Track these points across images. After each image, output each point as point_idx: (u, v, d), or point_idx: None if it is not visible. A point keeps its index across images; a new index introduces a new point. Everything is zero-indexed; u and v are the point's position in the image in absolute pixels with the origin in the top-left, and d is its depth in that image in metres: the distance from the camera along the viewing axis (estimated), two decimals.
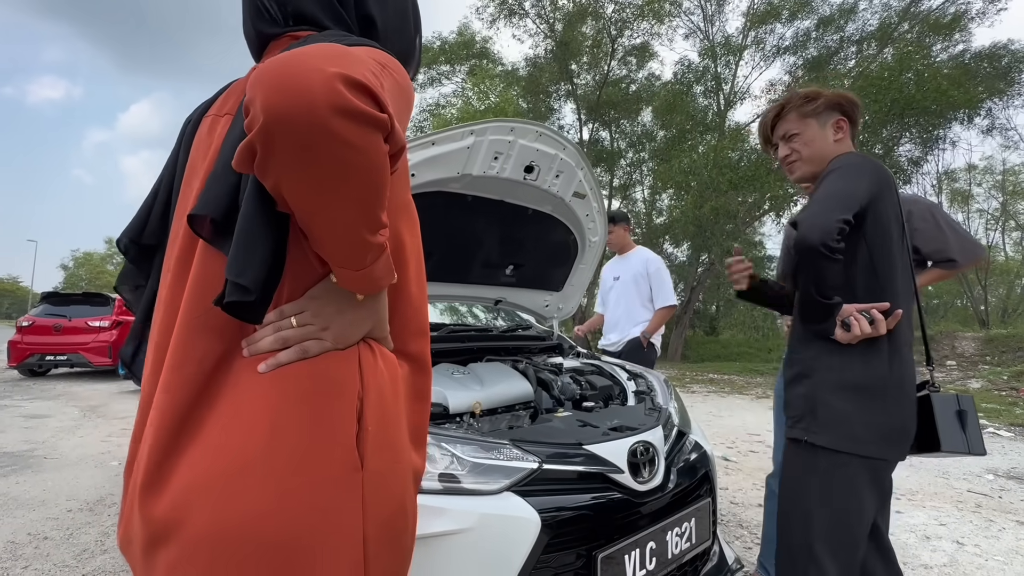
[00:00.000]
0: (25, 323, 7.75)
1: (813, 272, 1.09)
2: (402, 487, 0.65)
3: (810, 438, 1.14)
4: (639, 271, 3.04)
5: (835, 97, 1.28)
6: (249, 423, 0.56)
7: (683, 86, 15.26)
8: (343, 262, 0.57)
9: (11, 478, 3.05)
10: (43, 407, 5.45)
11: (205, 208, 0.57)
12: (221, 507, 0.54)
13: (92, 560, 2.06)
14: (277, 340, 0.59)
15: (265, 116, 0.45)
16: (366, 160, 0.48)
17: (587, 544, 1.14)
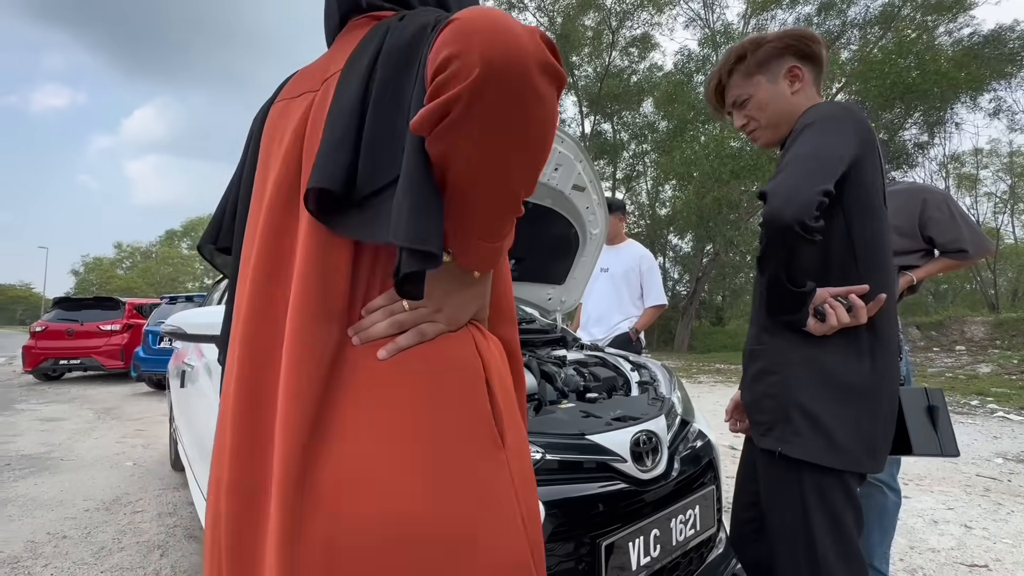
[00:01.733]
0: (39, 328, 7.87)
1: (784, 255, 0.87)
2: (531, 466, 0.63)
3: (785, 450, 0.94)
4: (631, 266, 2.95)
5: (780, 39, 1.05)
6: (389, 415, 0.53)
7: (684, 76, 15.15)
8: (486, 233, 0.55)
9: (29, 480, 3.12)
10: (58, 410, 5.55)
11: (323, 180, 0.52)
12: (376, 499, 0.51)
13: (110, 558, 2.11)
14: (392, 324, 0.55)
15: (482, 67, 0.43)
16: (550, 118, 0.48)
17: (591, 532, 1.16)
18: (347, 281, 0.56)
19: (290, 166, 0.60)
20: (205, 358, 2.24)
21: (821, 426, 0.92)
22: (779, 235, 0.86)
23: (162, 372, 6.46)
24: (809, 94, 1.07)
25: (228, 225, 0.76)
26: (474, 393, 0.57)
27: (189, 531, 2.38)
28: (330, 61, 0.65)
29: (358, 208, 0.53)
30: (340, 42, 0.68)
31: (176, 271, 47.47)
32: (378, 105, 0.54)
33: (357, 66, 0.58)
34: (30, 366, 7.72)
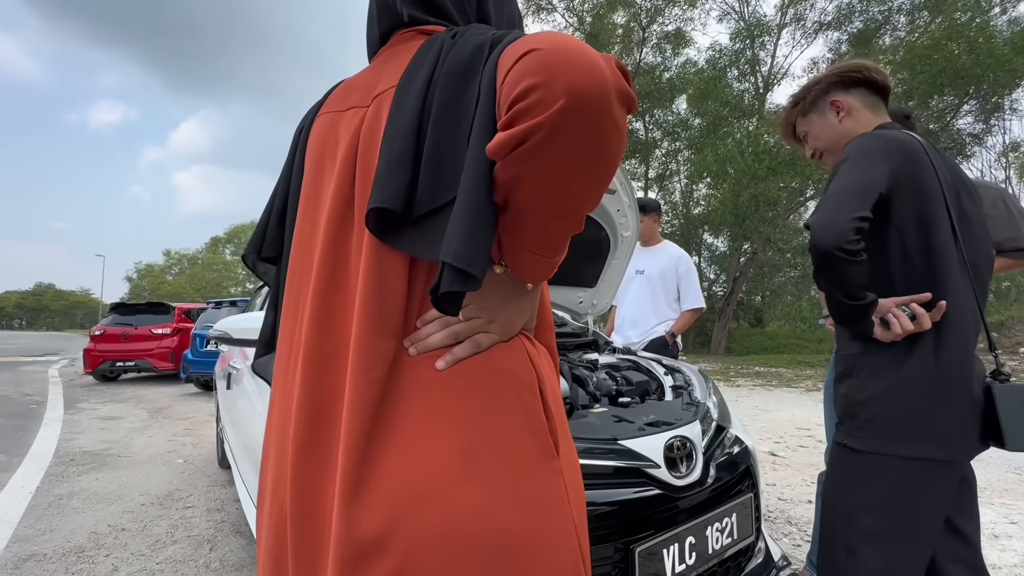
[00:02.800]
0: (97, 332, 8.39)
1: (835, 277, 1.00)
2: (579, 473, 0.66)
3: (850, 442, 1.08)
4: (668, 268, 2.88)
5: (825, 80, 1.23)
6: (448, 422, 0.55)
7: (717, 72, 14.78)
8: (545, 249, 0.56)
9: (91, 475, 3.33)
10: (115, 409, 5.90)
11: (387, 201, 0.53)
12: (439, 509, 0.52)
13: (164, 550, 2.23)
14: (448, 335, 0.57)
15: (567, 99, 0.44)
16: (622, 143, 0.50)
17: (624, 538, 1.15)
18: (403, 295, 0.58)
19: (345, 181, 0.62)
20: (250, 361, 2.35)
21: (881, 421, 1.03)
22: (823, 261, 0.99)
23: (209, 374, 6.77)
24: (860, 117, 1.20)
25: (273, 234, 0.78)
26: (529, 403, 0.59)
27: (236, 527, 2.49)
28: (379, 76, 0.66)
29: (414, 226, 0.55)
30: (388, 56, 0.69)
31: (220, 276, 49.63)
32: (437, 126, 0.55)
33: (412, 85, 0.58)
34: (90, 368, 8.24)
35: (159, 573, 2.02)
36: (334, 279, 0.61)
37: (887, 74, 1.23)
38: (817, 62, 14.54)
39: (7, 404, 6.07)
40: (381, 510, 0.52)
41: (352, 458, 0.54)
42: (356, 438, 0.54)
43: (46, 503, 2.79)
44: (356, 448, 0.54)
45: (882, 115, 1.21)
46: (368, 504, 0.53)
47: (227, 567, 2.08)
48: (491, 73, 0.52)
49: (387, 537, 0.52)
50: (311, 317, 0.60)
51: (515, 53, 0.48)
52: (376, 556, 0.52)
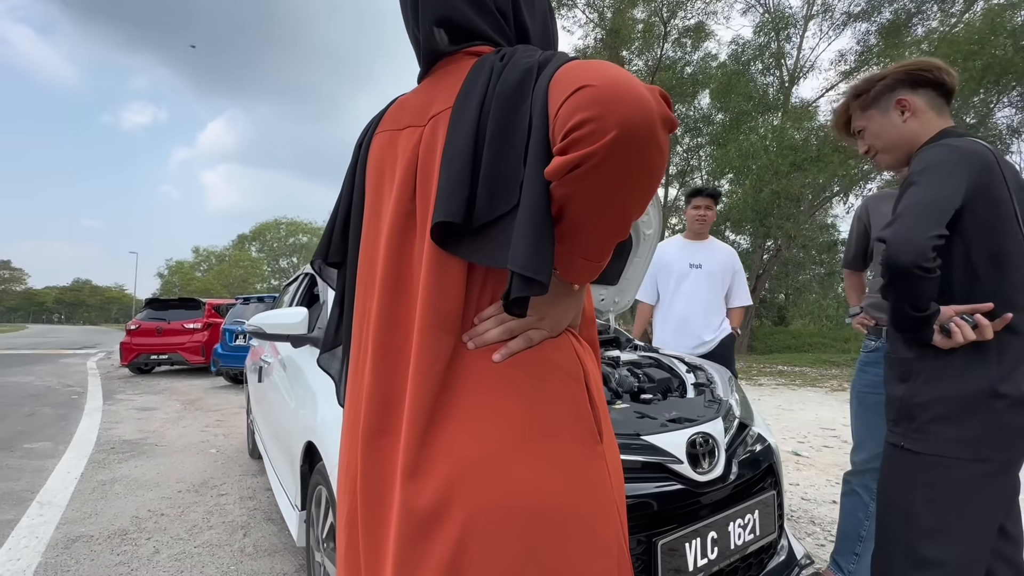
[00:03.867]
0: (133, 326, 8.71)
1: (908, 292, 1.00)
2: (619, 459, 0.72)
3: (907, 444, 1.09)
4: (726, 264, 2.69)
5: (892, 76, 1.19)
6: (504, 407, 0.61)
7: (740, 65, 14.48)
8: (594, 255, 0.62)
9: (131, 462, 3.49)
10: (151, 400, 6.14)
11: (449, 215, 0.59)
12: (495, 483, 0.58)
13: (201, 535, 2.34)
14: (504, 331, 0.63)
15: (619, 131, 0.49)
16: (664, 163, 0.55)
17: (647, 532, 1.18)
18: (461, 296, 0.64)
19: (405, 195, 0.69)
20: (281, 355, 2.43)
21: (940, 424, 1.05)
22: (900, 276, 0.99)
23: (238, 367, 6.98)
24: (926, 119, 1.18)
25: (338, 242, 0.86)
26: (576, 393, 0.65)
27: (267, 514, 2.59)
28: (433, 96, 0.72)
29: (473, 236, 0.61)
30: (439, 77, 0.75)
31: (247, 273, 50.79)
32: (492, 146, 0.61)
33: (466, 107, 0.64)
34: (126, 360, 8.57)
35: (197, 556, 2.13)
36: (398, 284, 0.68)
37: (956, 76, 1.20)
38: (845, 54, 14.14)
39: (51, 395, 6.37)
40: (438, 485, 0.59)
41: (413, 440, 0.61)
42: (418, 423, 0.61)
43: (90, 488, 2.94)
44: (417, 431, 0.61)
45: (946, 118, 1.18)
46: (426, 480, 0.60)
47: (260, 552, 2.17)
48: (542, 98, 0.57)
49: (445, 508, 0.58)
50: (378, 318, 0.68)
51: (569, 85, 0.54)
52: (437, 526, 0.58)
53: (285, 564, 2.06)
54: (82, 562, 2.06)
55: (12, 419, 4.79)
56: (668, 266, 2.73)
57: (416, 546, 0.59)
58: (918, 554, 1.05)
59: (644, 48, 16.17)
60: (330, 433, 1.49)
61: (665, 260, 2.74)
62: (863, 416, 1.72)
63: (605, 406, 0.72)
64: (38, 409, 5.34)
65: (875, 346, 1.70)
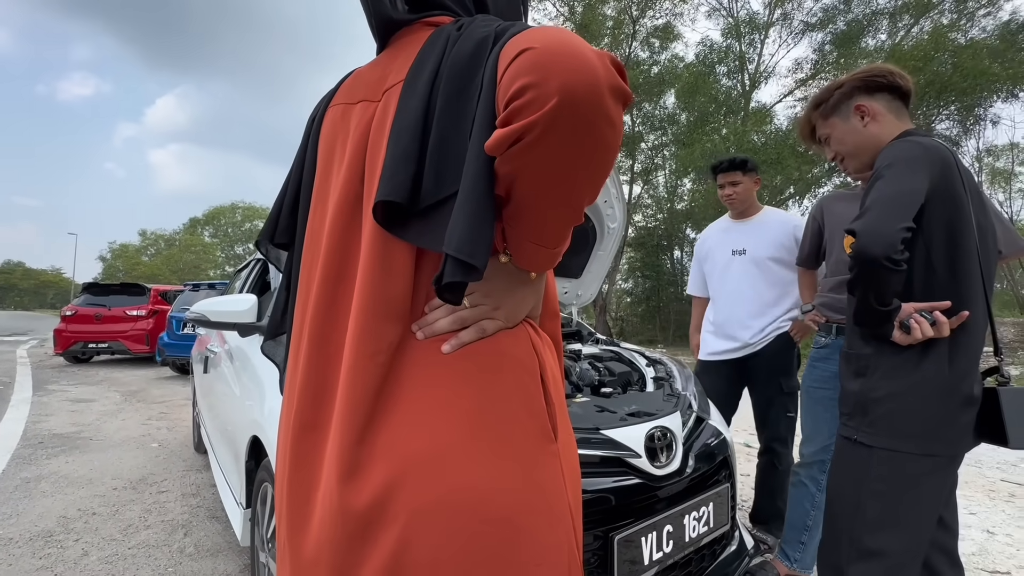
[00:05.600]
0: (69, 312, 8.12)
1: (875, 285, 1.01)
2: (577, 458, 0.68)
3: (860, 437, 1.11)
4: (784, 241, 2.09)
5: (848, 83, 1.22)
6: (451, 402, 0.57)
7: (706, 68, 14.85)
8: (546, 240, 0.57)
9: (61, 458, 3.24)
10: (87, 392, 5.75)
11: (392, 194, 0.55)
12: (439, 482, 0.54)
13: (137, 535, 2.19)
14: (455, 320, 0.59)
15: (559, 98, 0.45)
16: (617, 138, 0.50)
17: (603, 526, 1.17)
18: (408, 283, 0.59)
19: (354, 175, 0.63)
20: (228, 345, 2.30)
21: (894, 419, 1.07)
22: (869, 268, 0.99)
23: (185, 357, 6.63)
24: (885, 122, 1.20)
25: (285, 222, 0.80)
26: (530, 389, 0.61)
27: (211, 512, 2.45)
28: (388, 69, 0.67)
29: (420, 217, 0.57)
30: (396, 49, 0.69)
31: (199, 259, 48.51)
32: (441, 120, 0.56)
33: (418, 80, 0.60)
34: (61, 349, 7.99)
35: (131, 558, 1.99)
36: (343, 270, 0.62)
37: (910, 79, 1.23)
38: (801, 63, 14.72)
39: None
40: (379, 484, 0.54)
41: (348, 438, 0.56)
42: (355, 418, 0.56)
43: (12, 486, 2.72)
44: (353, 428, 0.56)
45: (905, 121, 1.21)
46: (365, 479, 0.55)
47: (202, 552, 2.05)
48: (493, 68, 0.53)
49: (385, 508, 0.54)
50: (316, 304, 0.63)
51: (512, 51, 0.49)
52: (376, 528, 0.54)
53: (228, 564, 1.96)
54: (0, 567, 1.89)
55: None
56: (711, 254, 2.32)
57: (353, 550, 0.55)
58: (863, 544, 1.08)
59: (613, 46, 16.31)
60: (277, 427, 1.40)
61: (708, 247, 2.35)
62: (812, 410, 1.78)
63: (563, 402, 0.68)
64: None
65: (825, 342, 1.75)
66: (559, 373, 0.70)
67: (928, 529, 1.09)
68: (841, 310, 1.69)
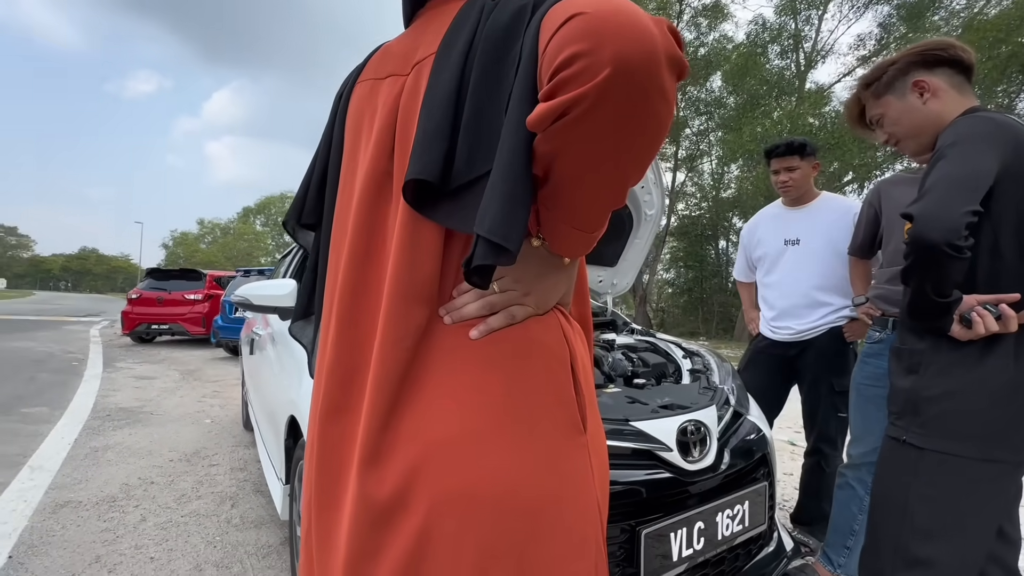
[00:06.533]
0: (134, 296, 8.73)
1: (933, 273, 0.92)
2: (606, 450, 0.66)
3: (909, 438, 1.03)
4: (843, 230, 1.93)
5: (904, 59, 1.13)
6: (478, 389, 0.55)
7: (757, 48, 14.09)
8: (585, 224, 0.54)
9: (125, 430, 3.50)
10: (150, 369, 6.16)
11: (423, 172, 0.52)
12: (462, 469, 0.53)
13: (189, 504, 2.34)
14: (484, 306, 0.57)
15: (614, 67, 0.41)
16: (670, 111, 0.46)
17: (631, 519, 1.14)
18: (437, 264, 0.57)
19: (382, 152, 0.61)
20: (270, 327, 2.40)
21: (948, 420, 0.98)
22: (927, 255, 0.90)
23: (236, 339, 6.99)
24: (947, 99, 1.10)
25: (312, 202, 0.78)
26: (560, 378, 0.59)
27: (256, 486, 2.58)
28: (418, 42, 0.64)
29: (450, 197, 0.54)
30: (426, 20, 0.66)
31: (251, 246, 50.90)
32: (476, 94, 0.53)
33: (451, 52, 0.56)
34: (127, 329, 8.60)
35: (183, 525, 2.12)
36: (370, 249, 0.61)
37: (972, 52, 1.12)
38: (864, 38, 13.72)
39: (51, 360, 6.40)
40: (401, 470, 0.53)
41: (374, 423, 0.55)
42: (380, 404, 0.55)
43: (83, 454, 2.95)
44: (379, 414, 0.55)
45: (969, 97, 1.11)
46: (388, 465, 0.54)
47: (247, 523, 2.16)
48: (533, 37, 0.49)
49: (408, 495, 0.53)
50: (343, 286, 0.62)
51: (559, 17, 0.45)
52: (397, 514, 0.53)
53: (270, 536, 2.06)
54: (68, 527, 2.05)
55: (11, 384, 4.82)
56: (762, 242, 2.19)
57: (374, 536, 0.54)
58: (910, 553, 1.01)
59: None
60: None
61: (758, 234, 2.22)
62: (863, 409, 1.67)
63: (593, 392, 0.65)
64: (37, 375, 5.36)
65: (879, 337, 1.64)
66: (589, 362, 0.68)
67: (985, 540, 1.00)
68: (898, 303, 1.57)
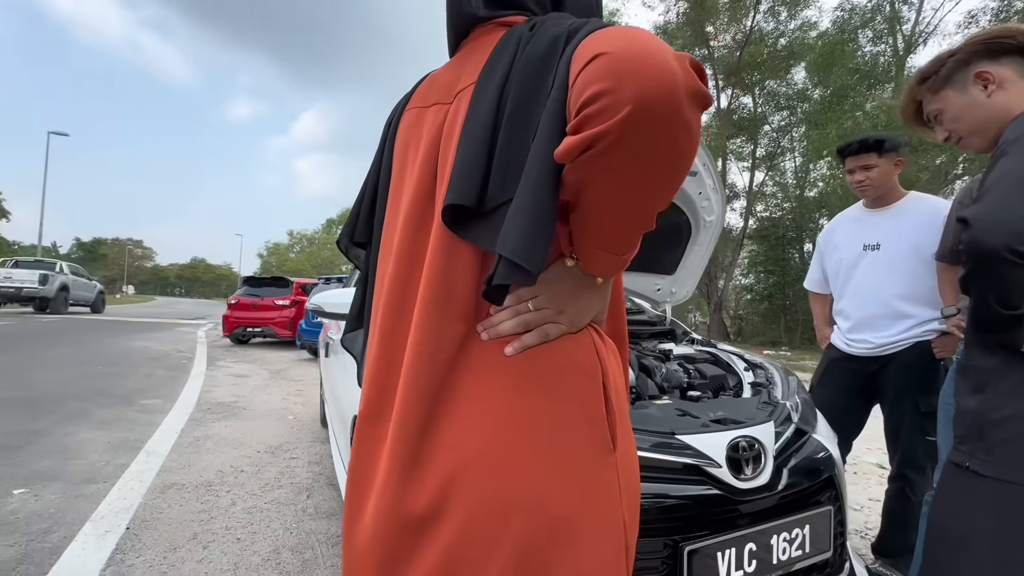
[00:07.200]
0: (233, 301, 9.71)
1: (994, 282, 0.85)
2: (637, 473, 0.67)
3: (974, 465, 0.95)
4: (932, 234, 1.72)
5: (965, 49, 1.04)
6: (510, 404, 0.57)
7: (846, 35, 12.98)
8: (616, 247, 0.57)
9: (222, 423, 3.90)
10: (245, 368, 6.81)
11: (461, 197, 0.56)
12: (495, 480, 0.54)
13: (272, 492, 2.57)
14: (519, 323, 0.59)
15: (634, 106, 0.43)
16: (694, 143, 0.48)
17: (674, 535, 1.12)
18: (472, 282, 0.59)
19: (425, 176, 0.65)
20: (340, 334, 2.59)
21: (1016, 445, 0.90)
22: (984, 263, 0.84)
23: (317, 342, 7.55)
24: (1015, 89, 1.01)
25: (364, 222, 0.84)
26: (592, 396, 0.60)
27: (330, 479, 2.78)
28: (461, 71, 0.67)
29: (483, 218, 0.57)
30: (469, 50, 0.70)
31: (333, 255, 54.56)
32: (510, 123, 0.56)
33: (489, 82, 0.60)
34: (227, 331, 9.57)
35: (266, 511, 2.34)
36: (412, 268, 0.64)
37: None
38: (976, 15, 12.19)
39: (166, 358, 7.27)
40: (436, 481, 0.55)
41: (409, 432, 0.57)
42: (414, 416, 0.58)
43: (188, 442, 3.33)
44: (414, 425, 0.57)
45: None
46: (423, 477, 0.56)
47: (320, 513, 2.34)
48: (565, 67, 0.51)
49: (443, 504, 0.55)
50: (387, 302, 0.65)
51: (587, 54, 0.47)
52: (432, 524, 0.55)
53: (339, 527, 2.21)
54: (173, 507, 2.34)
55: (134, 378, 5.54)
56: (838, 248, 2.01)
57: (405, 544, 0.56)
58: None
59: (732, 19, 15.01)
60: None
61: (835, 239, 2.04)
62: (948, 430, 1.51)
63: (625, 411, 0.66)
64: (155, 371, 6.12)
65: None
66: (622, 381, 0.68)
67: None
68: None
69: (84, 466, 2.78)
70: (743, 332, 18.98)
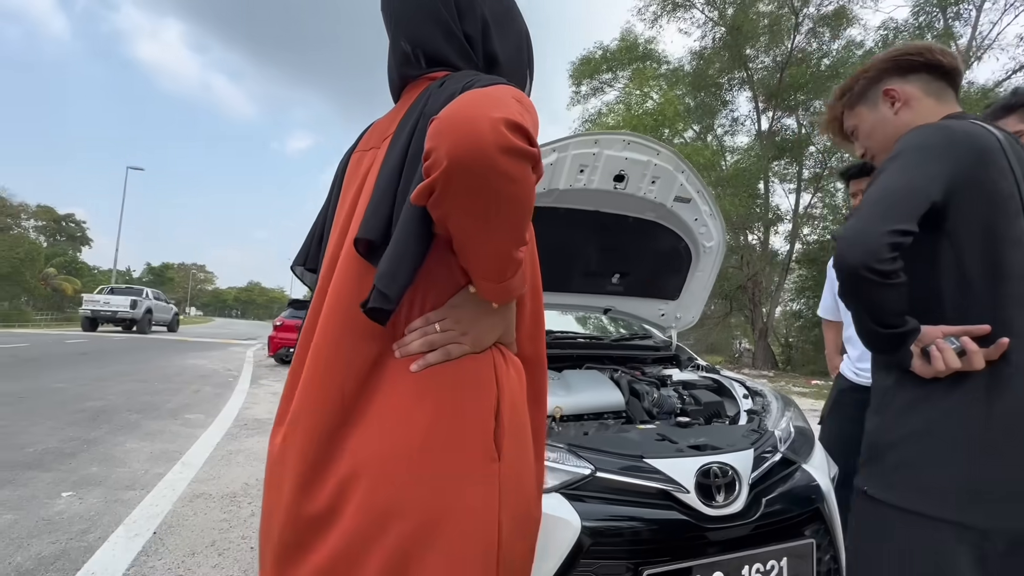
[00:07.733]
0: (278, 323, 10.22)
1: (863, 301, 0.85)
2: (531, 485, 0.72)
3: (870, 489, 0.90)
4: None
5: (875, 66, 1.04)
6: (408, 413, 0.63)
7: None
8: (488, 276, 0.64)
9: (255, 438, 4.11)
10: None
11: (368, 232, 0.65)
12: (381, 487, 0.61)
13: None
14: (425, 343, 0.66)
15: (448, 161, 0.52)
16: (521, 190, 0.56)
17: (634, 559, 1.13)
18: None
19: (355, 212, 0.74)
20: None
21: (911, 469, 0.85)
22: (849, 280, 0.83)
23: None
24: (920, 107, 1.00)
25: (314, 251, 0.95)
26: (482, 408, 0.66)
27: None
28: (393, 119, 0.78)
29: None
30: (404, 100, 0.81)
31: None
32: (410, 168, 0.67)
33: (403, 131, 0.70)
34: (272, 351, 10.07)
35: None
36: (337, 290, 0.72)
37: (955, 55, 1.01)
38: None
39: (215, 376, 7.73)
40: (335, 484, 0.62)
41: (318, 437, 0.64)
42: (324, 423, 0.65)
43: (220, 456, 3.54)
44: (324, 431, 0.64)
45: (950, 104, 0.99)
46: (325, 479, 0.63)
47: None
48: None
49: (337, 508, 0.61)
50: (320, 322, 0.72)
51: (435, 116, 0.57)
52: (326, 526, 0.62)
53: None
54: (198, 515, 2.50)
55: (183, 394, 5.92)
56: None
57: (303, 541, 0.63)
58: None
59: (772, 43, 14.83)
60: None
61: None
62: None
63: (524, 427, 0.71)
64: (203, 387, 6.52)
65: None
66: (522, 398, 0.73)
67: None
68: None
69: (126, 473, 3.01)
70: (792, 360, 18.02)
